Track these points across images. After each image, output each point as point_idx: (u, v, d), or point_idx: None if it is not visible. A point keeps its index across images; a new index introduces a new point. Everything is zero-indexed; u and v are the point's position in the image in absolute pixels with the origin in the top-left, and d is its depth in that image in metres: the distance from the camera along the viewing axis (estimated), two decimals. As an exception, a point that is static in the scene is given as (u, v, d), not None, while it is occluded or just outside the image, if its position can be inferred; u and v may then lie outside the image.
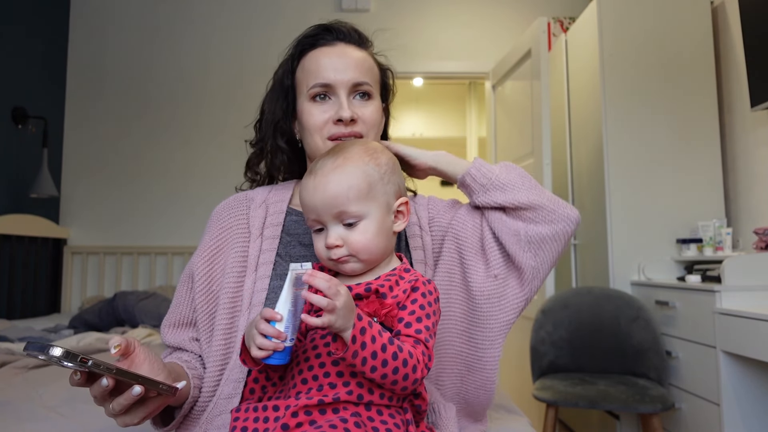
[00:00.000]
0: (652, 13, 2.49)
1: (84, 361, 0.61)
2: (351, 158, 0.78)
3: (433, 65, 3.51)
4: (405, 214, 0.82)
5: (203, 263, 0.92)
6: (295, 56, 0.97)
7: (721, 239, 2.23)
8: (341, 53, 0.94)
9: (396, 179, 0.82)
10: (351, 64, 0.93)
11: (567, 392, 1.93)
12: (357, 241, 0.76)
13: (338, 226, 0.76)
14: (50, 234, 3.13)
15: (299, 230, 0.95)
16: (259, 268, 0.91)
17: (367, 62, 0.96)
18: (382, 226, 0.78)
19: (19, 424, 1.15)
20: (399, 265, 0.81)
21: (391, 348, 0.67)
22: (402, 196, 0.83)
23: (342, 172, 0.77)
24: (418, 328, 0.72)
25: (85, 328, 2.45)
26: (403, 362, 0.68)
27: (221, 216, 0.97)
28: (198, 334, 0.91)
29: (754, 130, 2.33)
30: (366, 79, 0.94)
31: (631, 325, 2.17)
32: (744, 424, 1.79)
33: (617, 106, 2.45)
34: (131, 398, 0.68)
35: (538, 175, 2.60)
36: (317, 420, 0.68)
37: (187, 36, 3.48)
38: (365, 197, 0.76)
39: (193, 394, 0.85)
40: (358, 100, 0.93)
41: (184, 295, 0.93)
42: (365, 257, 0.77)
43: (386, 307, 0.73)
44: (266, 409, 0.71)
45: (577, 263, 2.79)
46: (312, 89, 0.92)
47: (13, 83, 2.93)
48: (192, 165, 3.42)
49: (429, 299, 0.76)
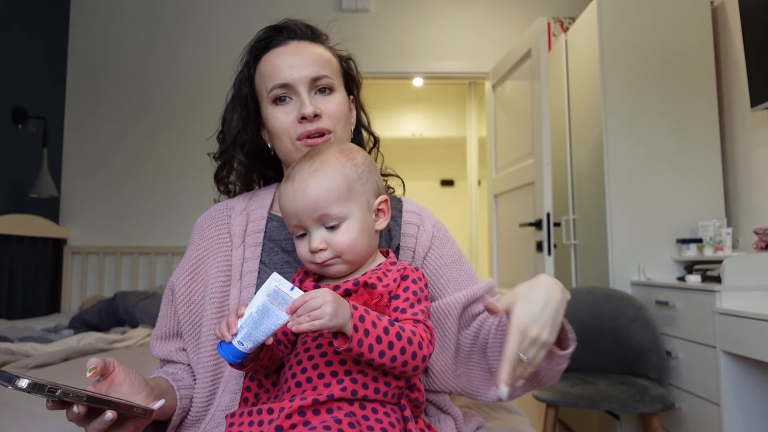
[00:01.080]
0: (652, 13, 2.49)
1: (52, 391, 0.60)
2: (327, 160, 0.78)
3: (433, 65, 3.51)
4: (385, 211, 0.83)
5: (184, 275, 0.92)
6: (251, 63, 0.96)
7: (721, 239, 2.23)
8: (295, 51, 0.92)
9: (374, 178, 0.82)
10: (307, 59, 0.91)
11: (567, 392, 1.93)
12: (340, 243, 0.76)
13: (321, 229, 0.76)
14: (50, 234, 3.13)
15: (281, 236, 0.94)
16: (243, 277, 0.90)
17: (323, 55, 0.94)
18: (364, 225, 0.78)
19: (19, 424, 1.15)
20: (385, 260, 0.82)
21: (393, 329, 0.68)
22: (381, 194, 0.83)
23: (320, 175, 0.76)
24: (414, 311, 0.74)
25: (85, 328, 2.45)
26: (408, 340, 0.69)
27: (203, 227, 0.97)
28: (184, 344, 0.91)
29: (754, 130, 2.33)
30: (324, 72, 0.91)
31: (631, 325, 2.17)
32: (744, 424, 1.79)
33: (617, 106, 2.45)
34: (105, 423, 0.67)
35: (538, 175, 2.60)
36: (311, 421, 0.68)
37: (186, 36, 3.48)
38: (345, 198, 0.77)
39: (181, 406, 0.85)
40: (320, 95, 0.91)
41: (167, 307, 0.93)
42: (350, 258, 0.77)
43: (375, 297, 0.74)
44: (261, 413, 0.70)
45: (577, 263, 2.79)
46: (272, 92, 0.90)
47: (13, 83, 2.93)
48: (192, 165, 3.41)
49: (420, 285, 0.78)
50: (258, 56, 0.95)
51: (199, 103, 3.44)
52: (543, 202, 2.53)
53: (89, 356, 1.86)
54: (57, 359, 1.78)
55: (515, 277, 2.97)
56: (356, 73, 1.02)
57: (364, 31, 3.42)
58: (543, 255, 2.53)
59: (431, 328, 0.74)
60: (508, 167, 3.10)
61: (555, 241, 2.62)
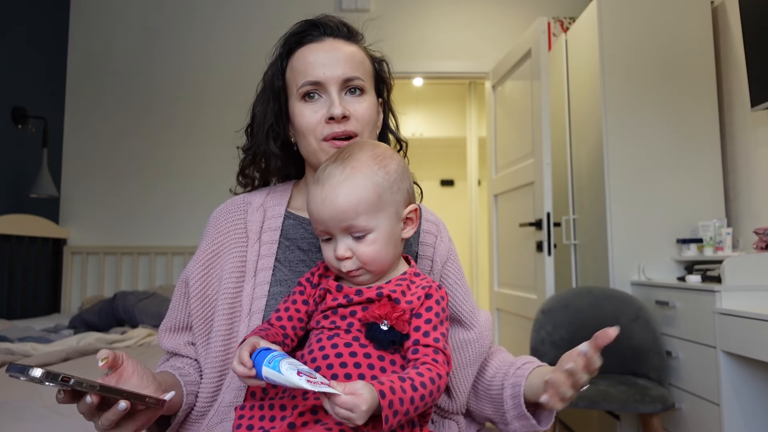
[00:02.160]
0: (652, 13, 2.49)
1: (66, 380, 0.60)
2: (359, 168, 0.76)
3: (433, 65, 3.51)
4: (414, 220, 0.81)
5: (199, 268, 0.91)
6: (284, 55, 0.93)
7: (721, 239, 2.23)
8: (330, 48, 0.90)
9: (405, 185, 0.80)
10: (340, 58, 0.89)
11: (567, 392, 1.93)
12: (365, 253, 0.75)
13: (347, 237, 0.75)
14: (50, 234, 3.13)
15: (297, 234, 0.93)
16: (258, 273, 0.90)
17: (357, 56, 0.92)
18: (391, 235, 0.77)
19: (19, 424, 1.15)
20: (409, 269, 0.81)
21: (419, 391, 0.66)
22: (411, 203, 0.80)
23: (351, 185, 0.74)
24: (436, 336, 0.73)
25: (85, 328, 2.45)
26: (431, 392, 0.68)
27: (218, 221, 0.95)
28: (194, 338, 0.90)
29: (754, 130, 2.33)
30: (357, 74, 0.90)
31: (631, 325, 2.17)
32: (744, 424, 1.79)
33: (617, 106, 2.45)
34: (118, 413, 0.67)
35: (538, 175, 2.60)
36: (323, 419, 0.68)
37: (187, 36, 3.48)
38: (375, 210, 0.75)
39: (187, 401, 0.85)
40: (350, 96, 0.89)
41: (179, 300, 0.92)
42: (374, 268, 0.76)
43: (398, 311, 0.73)
44: (273, 408, 0.70)
45: (577, 263, 2.79)
46: (301, 88, 0.89)
47: (13, 83, 2.93)
48: (192, 165, 3.42)
49: (442, 305, 0.76)
50: (291, 50, 0.93)
51: (200, 103, 3.44)
52: (543, 202, 2.53)
53: (89, 356, 1.86)
54: (57, 359, 1.78)
55: (515, 277, 2.97)
56: (388, 75, 1.01)
57: (363, 31, 3.41)
58: (543, 255, 2.53)
59: (449, 354, 0.74)
60: (508, 167, 3.10)
61: (555, 241, 2.62)
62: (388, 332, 0.72)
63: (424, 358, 0.71)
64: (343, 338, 0.73)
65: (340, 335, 0.73)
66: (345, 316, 0.75)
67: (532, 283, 2.69)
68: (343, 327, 0.74)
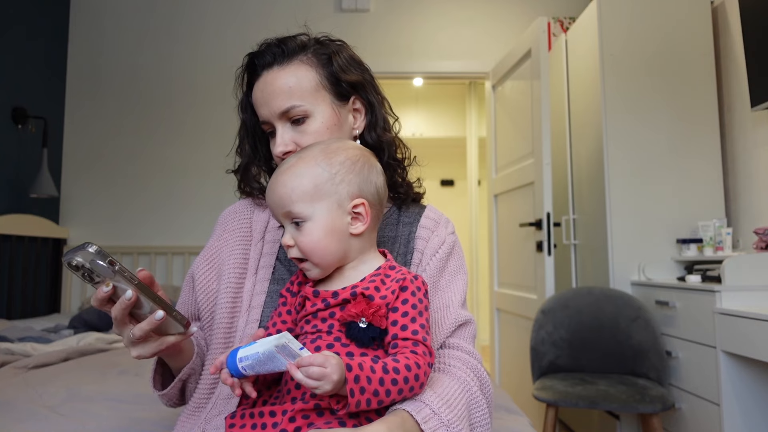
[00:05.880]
0: (652, 13, 2.49)
1: (113, 264, 0.66)
2: (304, 158, 0.79)
3: (433, 65, 3.51)
4: (364, 215, 0.79)
5: (204, 264, 0.97)
6: (248, 93, 0.98)
7: (721, 239, 2.23)
8: (263, 85, 0.91)
9: (353, 179, 0.78)
10: (274, 92, 0.89)
11: (567, 392, 1.93)
12: (303, 242, 0.76)
13: (290, 225, 0.78)
14: (50, 234, 3.13)
15: None
16: (259, 271, 0.94)
17: (290, 81, 0.89)
18: (331, 227, 0.76)
19: (19, 424, 1.15)
20: (384, 263, 0.80)
21: (390, 375, 0.67)
22: (359, 197, 0.78)
23: (291, 174, 0.77)
24: (414, 328, 0.72)
25: (85, 328, 2.44)
26: (405, 378, 0.68)
27: (226, 220, 1.01)
28: (202, 326, 0.96)
29: (754, 130, 2.33)
30: (292, 102, 0.88)
31: (631, 325, 2.17)
32: (744, 424, 1.79)
33: (617, 106, 2.45)
34: (153, 323, 0.70)
35: (538, 175, 2.60)
36: (315, 422, 0.68)
37: (186, 36, 3.48)
38: (310, 198, 0.76)
39: (194, 362, 0.88)
40: (295, 125, 0.89)
41: (187, 294, 0.98)
42: (317, 260, 0.77)
43: (373, 307, 0.73)
44: (263, 415, 0.70)
45: (577, 263, 2.79)
46: (262, 126, 0.94)
47: (13, 83, 2.93)
48: (192, 165, 3.42)
49: (419, 296, 0.76)
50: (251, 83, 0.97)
51: (200, 103, 3.44)
52: (543, 202, 2.53)
53: (89, 356, 1.86)
54: (57, 359, 1.78)
55: (515, 277, 2.97)
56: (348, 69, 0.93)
57: (364, 31, 3.42)
58: (543, 255, 2.53)
59: (430, 345, 0.73)
60: (508, 167, 3.10)
61: (555, 241, 2.62)
62: (367, 329, 0.72)
63: (404, 351, 0.71)
64: (325, 340, 0.74)
65: (322, 337, 0.74)
66: (325, 319, 0.75)
67: (532, 283, 2.69)
68: (324, 329, 0.75)
